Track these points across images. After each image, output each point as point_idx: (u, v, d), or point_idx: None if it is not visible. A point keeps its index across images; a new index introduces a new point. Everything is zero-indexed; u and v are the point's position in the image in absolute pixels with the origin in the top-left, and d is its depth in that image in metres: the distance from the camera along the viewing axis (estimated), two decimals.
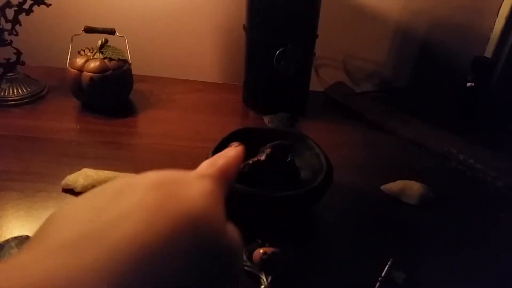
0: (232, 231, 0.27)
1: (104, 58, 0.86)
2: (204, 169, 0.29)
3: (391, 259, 0.53)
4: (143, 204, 0.23)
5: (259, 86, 0.95)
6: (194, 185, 0.26)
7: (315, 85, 1.05)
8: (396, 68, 1.14)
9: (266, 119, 0.90)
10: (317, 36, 0.91)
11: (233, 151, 0.35)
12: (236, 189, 0.52)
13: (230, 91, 1.02)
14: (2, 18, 0.88)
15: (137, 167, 0.68)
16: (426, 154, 0.82)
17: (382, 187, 0.69)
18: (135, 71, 0.93)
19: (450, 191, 0.71)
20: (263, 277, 0.50)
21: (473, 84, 0.89)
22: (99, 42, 0.88)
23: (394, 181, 0.70)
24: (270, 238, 0.55)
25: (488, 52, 1.05)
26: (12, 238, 0.51)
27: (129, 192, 0.24)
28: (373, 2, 1.06)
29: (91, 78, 0.84)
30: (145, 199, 0.23)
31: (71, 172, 0.66)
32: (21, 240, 0.49)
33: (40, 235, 0.22)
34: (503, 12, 1.02)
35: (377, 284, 0.50)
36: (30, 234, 0.53)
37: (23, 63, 0.93)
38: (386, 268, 0.52)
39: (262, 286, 0.49)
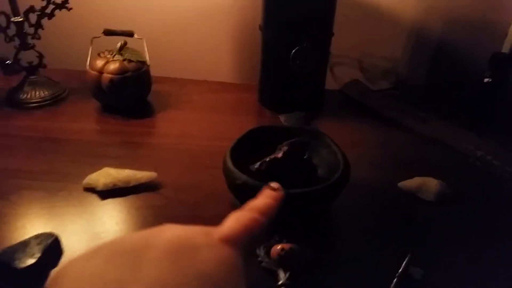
0: None
1: (124, 60, 0.88)
2: (228, 229, 0.28)
3: (409, 255, 0.53)
4: (162, 283, 0.22)
5: (275, 85, 0.95)
6: (214, 253, 0.25)
7: (330, 83, 1.05)
8: (412, 65, 1.13)
9: (282, 118, 0.90)
10: (332, 35, 0.91)
11: (266, 199, 0.33)
12: (253, 185, 0.52)
13: (246, 91, 1.03)
14: (26, 23, 0.90)
15: (157, 166, 0.70)
16: (443, 151, 0.82)
17: (400, 184, 0.69)
18: (153, 72, 0.95)
19: (467, 187, 0.70)
20: (281, 273, 0.50)
21: (490, 80, 0.88)
22: (119, 44, 0.90)
23: (411, 178, 0.70)
24: (287, 234, 0.56)
25: (506, 48, 1.03)
26: (36, 235, 0.53)
27: (146, 261, 0.23)
28: None
29: (111, 80, 0.86)
30: (164, 274, 0.22)
31: (92, 172, 0.67)
32: (46, 237, 0.50)
33: None
34: None
35: (395, 280, 0.51)
36: (53, 231, 0.54)
37: (44, 66, 0.95)
38: (403, 264, 0.52)
39: (280, 282, 0.49)
